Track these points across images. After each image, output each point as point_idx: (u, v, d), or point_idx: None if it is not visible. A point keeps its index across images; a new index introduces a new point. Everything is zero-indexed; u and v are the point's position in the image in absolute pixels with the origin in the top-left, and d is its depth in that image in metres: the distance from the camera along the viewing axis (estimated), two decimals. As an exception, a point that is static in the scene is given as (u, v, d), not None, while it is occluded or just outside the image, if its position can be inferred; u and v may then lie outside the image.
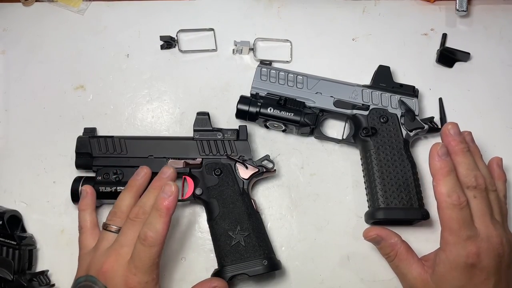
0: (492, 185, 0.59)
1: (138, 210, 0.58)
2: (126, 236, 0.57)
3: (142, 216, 0.58)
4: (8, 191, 0.73)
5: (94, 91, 0.79)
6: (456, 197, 0.55)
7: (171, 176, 0.62)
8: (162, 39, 0.80)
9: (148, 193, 0.61)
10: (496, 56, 0.80)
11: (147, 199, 0.60)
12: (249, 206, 0.66)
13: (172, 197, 0.56)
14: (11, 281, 0.63)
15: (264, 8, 0.84)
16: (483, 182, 0.57)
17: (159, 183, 0.61)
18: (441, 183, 0.56)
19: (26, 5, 0.84)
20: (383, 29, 0.82)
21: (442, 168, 0.56)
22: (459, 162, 0.58)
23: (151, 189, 0.61)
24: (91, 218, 0.64)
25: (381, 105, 0.72)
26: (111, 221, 0.61)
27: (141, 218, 0.57)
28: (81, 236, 0.63)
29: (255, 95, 0.73)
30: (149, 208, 0.58)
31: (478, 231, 0.55)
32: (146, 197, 0.60)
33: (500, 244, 0.55)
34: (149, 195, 0.60)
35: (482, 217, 0.56)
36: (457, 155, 0.58)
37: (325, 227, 0.71)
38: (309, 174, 0.73)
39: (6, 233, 0.65)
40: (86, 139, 0.71)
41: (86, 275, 0.56)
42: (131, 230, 0.57)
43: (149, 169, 0.65)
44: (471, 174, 0.57)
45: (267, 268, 0.63)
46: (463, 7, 0.79)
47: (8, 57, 0.81)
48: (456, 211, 0.55)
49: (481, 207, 0.56)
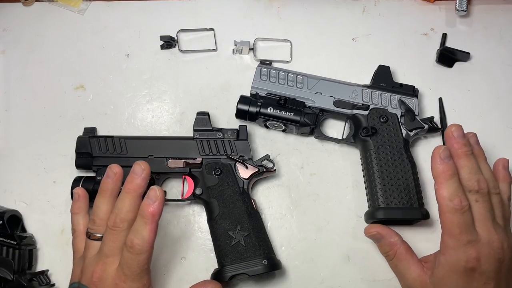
0: (495, 188, 0.58)
1: (115, 218, 0.55)
2: (108, 246, 0.55)
3: (120, 224, 0.55)
4: (8, 191, 0.73)
5: (94, 91, 0.79)
6: (458, 201, 0.54)
7: (144, 176, 0.56)
8: (162, 39, 0.80)
9: (122, 197, 0.56)
10: (496, 56, 0.80)
11: (122, 204, 0.56)
12: (249, 206, 0.66)
13: (157, 202, 0.54)
14: (11, 281, 0.63)
15: (264, 8, 0.84)
16: (485, 186, 0.56)
17: (132, 185, 0.56)
18: (443, 186, 0.55)
19: (26, 5, 0.84)
20: (383, 29, 0.82)
21: (444, 172, 0.55)
22: (461, 165, 0.57)
23: (124, 193, 0.56)
24: (84, 221, 0.61)
25: (381, 105, 0.72)
26: (92, 229, 0.58)
27: (120, 226, 0.55)
28: (75, 240, 0.61)
29: (255, 95, 0.73)
30: (125, 214, 0.55)
31: (479, 236, 0.54)
32: (121, 202, 0.56)
33: (501, 248, 0.54)
34: (123, 200, 0.56)
35: (483, 222, 0.55)
36: (459, 158, 0.57)
37: (325, 227, 0.71)
38: (309, 174, 0.73)
39: (6, 233, 0.65)
40: (86, 139, 0.71)
41: (79, 282, 0.56)
42: (111, 240, 0.55)
43: (120, 168, 0.59)
44: (473, 177, 0.56)
45: (267, 268, 0.63)
46: (463, 7, 0.79)
47: (8, 57, 0.81)
48: (457, 215, 0.54)
49: (483, 211, 0.55)
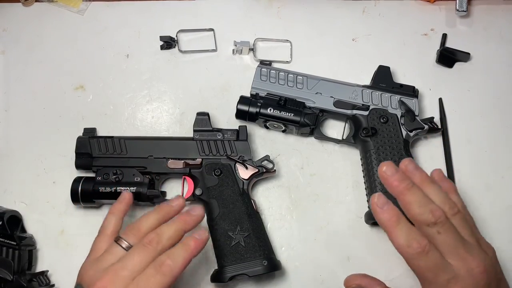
0: (452, 209, 0.52)
1: (154, 237, 0.54)
2: (132, 259, 0.53)
3: (155, 244, 0.54)
4: (8, 191, 0.73)
5: (94, 91, 0.78)
6: (417, 245, 0.49)
7: (198, 219, 0.58)
8: (162, 39, 0.80)
9: (172, 223, 0.57)
10: (496, 56, 0.80)
11: (168, 229, 0.55)
12: (249, 206, 0.66)
13: (203, 241, 0.55)
14: (11, 281, 0.63)
15: (264, 8, 0.84)
16: (441, 213, 0.50)
17: (188, 219, 0.57)
18: (395, 234, 0.50)
19: (26, 5, 0.84)
20: (383, 29, 0.82)
21: (389, 219, 0.50)
22: (408, 201, 0.51)
23: (176, 220, 0.57)
24: (115, 224, 0.59)
25: (381, 106, 0.72)
26: (125, 236, 0.56)
27: (154, 246, 0.54)
28: (98, 238, 0.58)
29: (255, 95, 0.73)
30: (166, 239, 0.54)
31: (455, 269, 0.49)
32: (168, 226, 0.56)
33: (484, 272, 0.49)
34: (171, 226, 0.56)
35: (454, 251, 0.49)
36: (403, 195, 0.51)
37: (325, 228, 0.71)
38: (309, 175, 0.73)
39: (6, 233, 0.65)
40: (86, 139, 0.71)
41: (80, 284, 0.54)
42: (139, 254, 0.53)
43: (184, 201, 0.60)
44: (425, 210, 0.50)
45: (267, 269, 0.63)
46: (463, 7, 0.79)
47: (8, 57, 0.81)
48: (423, 259, 0.49)
49: (449, 240, 0.50)
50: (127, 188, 0.67)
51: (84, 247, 0.58)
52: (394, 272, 0.68)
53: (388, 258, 0.68)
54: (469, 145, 0.75)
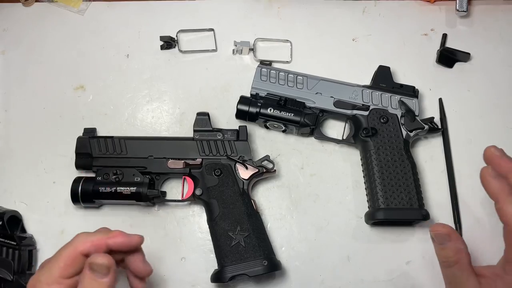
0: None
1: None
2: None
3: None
4: (8, 191, 0.73)
5: (94, 91, 0.78)
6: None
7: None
8: (162, 39, 0.80)
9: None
10: (496, 57, 0.80)
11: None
12: (249, 206, 0.66)
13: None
14: (11, 282, 0.63)
15: (264, 8, 0.84)
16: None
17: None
18: (507, 203, 0.51)
19: (26, 5, 0.84)
20: (383, 29, 0.82)
21: (503, 189, 0.52)
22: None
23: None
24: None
25: (381, 106, 0.72)
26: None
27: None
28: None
29: (255, 96, 0.73)
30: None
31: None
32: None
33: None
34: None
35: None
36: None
37: (325, 228, 0.71)
38: (309, 175, 0.73)
39: (6, 234, 0.65)
40: (86, 139, 0.71)
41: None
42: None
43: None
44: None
45: (267, 269, 0.63)
46: (463, 7, 0.79)
47: (8, 57, 0.81)
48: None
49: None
50: (127, 188, 0.67)
51: (84, 247, 0.57)
52: (394, 272, 0.68)
53: (388, 258, 0.68)
54: (469, 145, 0.75)
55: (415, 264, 0.68)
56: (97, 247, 0.51)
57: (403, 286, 0.67)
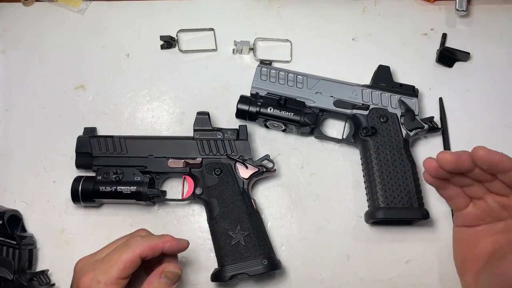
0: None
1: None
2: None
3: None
4: (8, 191, 0.73)
5: (94, 91, 0.79)
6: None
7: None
8: (162, 39, 0.80)
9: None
10: (496, 56, 0.80)
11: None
12: (249, 205, 0.67)
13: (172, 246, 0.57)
14: (11, 281, 0.63)
15: (264, 8, 0.84)
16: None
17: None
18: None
19: (26, 5, 0.84)
20: (383, 29, 0.82)
21: (504, 158, 0.49)
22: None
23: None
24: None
25: (381, 105, 0.72)
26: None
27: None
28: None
29: (255, 95, 0.73)
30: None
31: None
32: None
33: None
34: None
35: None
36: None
37: (325, 227, 0.71)
38: (309, 174, 0.73)
39: (6, 233, 0.65)
40: (86, 138, 0.71)
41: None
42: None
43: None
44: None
45: (267, 268, 0.63)
46: (463, 7, 0.79)
47: (8, 57, 0.81)
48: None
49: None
50: (127, 187, 0.67)
51: (84, 246, 0.58)
52: (394, 272, 0.68)
53: (388, 258, 0.68)
54: (469, 145, 0.74)
55: (414, 263, 0.68)
56: (154, 251, 0.55)
57: (402, 285, 0.67)
